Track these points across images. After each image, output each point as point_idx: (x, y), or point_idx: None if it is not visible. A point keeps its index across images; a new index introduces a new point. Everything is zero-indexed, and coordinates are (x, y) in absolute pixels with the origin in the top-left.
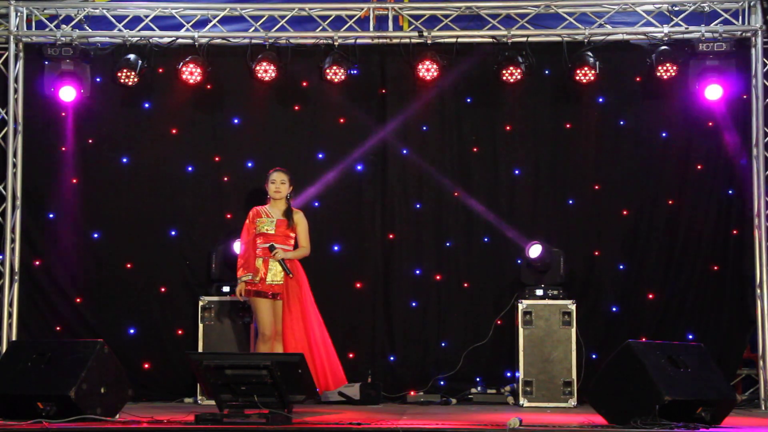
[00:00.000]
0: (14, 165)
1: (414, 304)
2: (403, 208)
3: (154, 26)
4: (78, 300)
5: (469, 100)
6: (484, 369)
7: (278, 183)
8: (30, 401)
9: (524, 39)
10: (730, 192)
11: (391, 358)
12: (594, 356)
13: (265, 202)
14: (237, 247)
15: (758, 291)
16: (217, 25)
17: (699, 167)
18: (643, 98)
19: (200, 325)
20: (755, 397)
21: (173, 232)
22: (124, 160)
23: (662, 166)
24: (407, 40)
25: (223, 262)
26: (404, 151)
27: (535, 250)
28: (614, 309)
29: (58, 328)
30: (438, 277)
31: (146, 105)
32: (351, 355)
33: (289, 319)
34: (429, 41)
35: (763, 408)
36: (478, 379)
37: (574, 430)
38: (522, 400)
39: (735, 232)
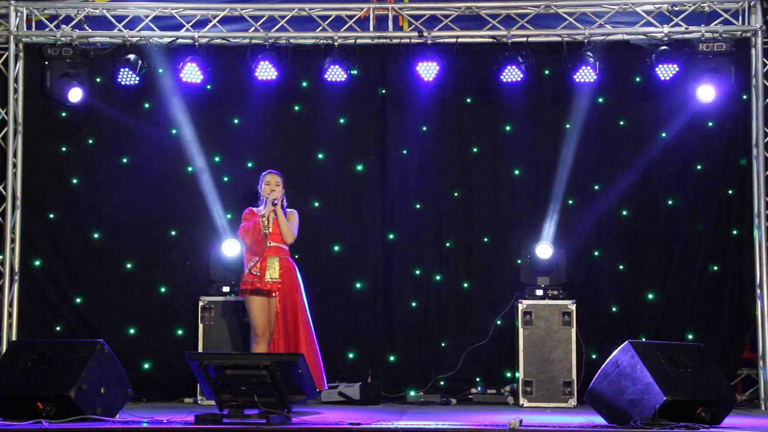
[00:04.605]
0: (14, 165)
1: (414, 304)
2: (403, 208)
3: (154, 26)
4: (78, 300)
5: (469, 100)
6: (484, 369)
7: (273, 185)
8: (30, 401)
9: (524, 39)
10: (730, 192)
11: (391, 358)
12: (594, 356)
13: (258, 204)
14: (227, 248)
15: (758, 291)
16: (217, 25)
17: (699, 167)
18: (643, 98)
19: (200, 325)
20: (755, 397)
21: (173, 232)
22: (124, 160)
23: (662, 166)
24: (407, 40)
25: (222, 262)
26: (404, 151)
27: (545, 251)
28: (614, 309)
29: (58, 328)
30: (438, 277)
31: (146, 105)
32: (351, 355)
33: (280, 321)
34: (429, 41)
35: (763, 408)
36: (478, 379)
37: (574, 430)
38: (522, 400)
39: (735, 232)
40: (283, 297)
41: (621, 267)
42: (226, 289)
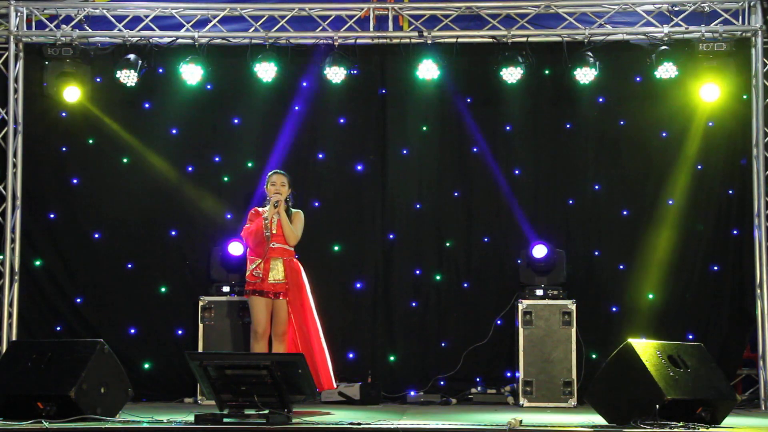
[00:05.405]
0: (14, 165)
1: (414, 304)
2: (403, 208)
3: (154, 26)
4: (78, 300)
5: (469, 100)
6: (484, 369)
7: (278, 185)
8: (30, 401)
9: (524, 39)
10: (730, 192)
11: (391, 358)
12: (594, 356)
13: (264, 204)
14: (233, 249)
15: (758, 291)
16: (217, 25)
17: (699, 167)
18: (643, 98)
19: (200, 325)
20: (755, 397)
21: (173, 232)
22: (124, 160)
23: (662, 166)
24: (407, 40)
25: (222, 262)
26: (404, 151)
27: (540, 251)
28: (614, 309)
29: (58, 328)
30: (438, 277)
31: (146, 105)
32: (351, 355)
33: (293, 320)
34: (429, 41)
35: (763, 408)
36: (478, 379)
37: (574, 430)
38: (522, 400)
39: (735, 232)
40: (292, 299)
41: (621, 267)
42: (226, 289)
